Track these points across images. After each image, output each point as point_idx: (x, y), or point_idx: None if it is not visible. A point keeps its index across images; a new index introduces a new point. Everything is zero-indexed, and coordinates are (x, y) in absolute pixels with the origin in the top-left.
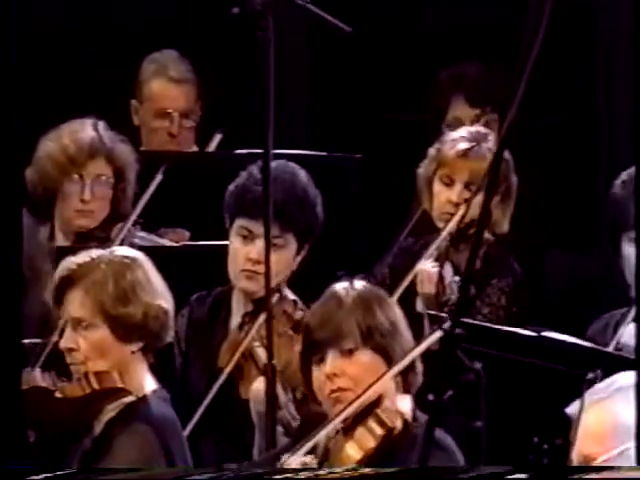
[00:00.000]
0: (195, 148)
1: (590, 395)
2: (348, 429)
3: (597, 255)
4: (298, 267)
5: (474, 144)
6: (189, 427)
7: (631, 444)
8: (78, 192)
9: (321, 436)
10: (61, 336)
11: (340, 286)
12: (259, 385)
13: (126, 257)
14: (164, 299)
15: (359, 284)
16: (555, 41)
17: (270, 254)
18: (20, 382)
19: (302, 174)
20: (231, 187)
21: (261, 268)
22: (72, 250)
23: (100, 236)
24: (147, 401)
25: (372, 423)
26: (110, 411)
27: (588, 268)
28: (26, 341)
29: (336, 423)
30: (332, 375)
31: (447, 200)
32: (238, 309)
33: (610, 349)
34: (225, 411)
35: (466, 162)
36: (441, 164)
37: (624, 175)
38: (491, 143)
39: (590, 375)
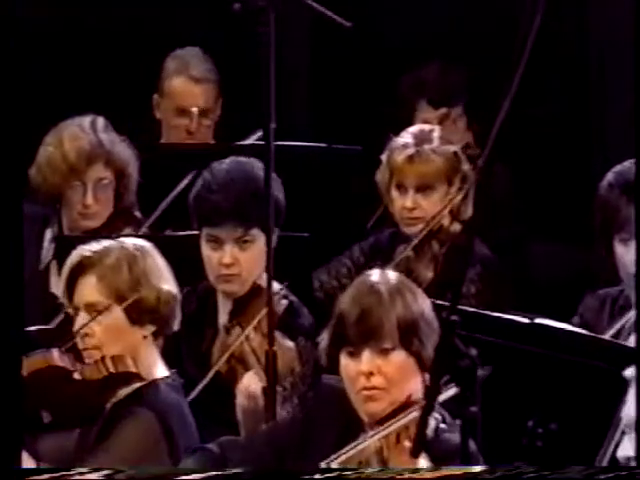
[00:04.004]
0: None
1: None
2: (393, 435)
3: (586, 246)
4: (300, 260)
5: (418, 148)
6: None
7: None
8: (80, 197)
9: (367, 444)
10: (73, 323)
11: (376, 277)
12: (246, 382)
13: (135, 245)
14: (172, 286)
15: (392, 275)
16: (548, 34)
17: (267, 255)
18: (21, 373)
19: (253, 166)
20: (190, 196)
21: (235, 269)
22: (72, 240)
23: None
24: (154, 386)
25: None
26: (120, 395)
27: (578, 259)
28: (35, 328)
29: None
30: (369, 374)
31: (402, 206)
32: (224, 305)
33: (612, 331)
34: (225, 403)
35: (412, 166)
36: (393, 171)
37: (610, 177)
38: (435, 142)
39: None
